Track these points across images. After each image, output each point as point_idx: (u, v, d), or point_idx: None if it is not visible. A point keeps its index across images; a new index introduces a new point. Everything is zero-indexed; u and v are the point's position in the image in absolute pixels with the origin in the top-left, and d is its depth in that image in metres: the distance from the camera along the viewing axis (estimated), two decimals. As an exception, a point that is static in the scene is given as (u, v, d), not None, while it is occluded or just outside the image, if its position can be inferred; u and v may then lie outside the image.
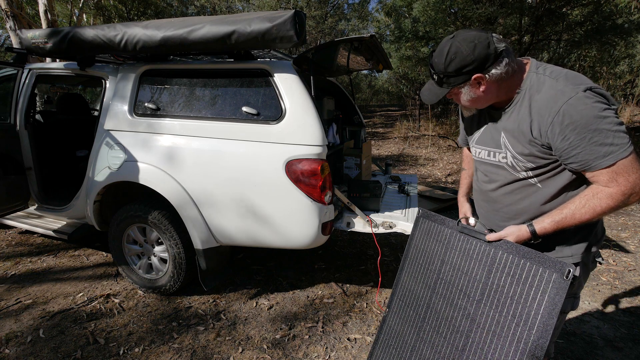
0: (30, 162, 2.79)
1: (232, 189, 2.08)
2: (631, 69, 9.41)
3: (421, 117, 12.03)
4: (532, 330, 0.96)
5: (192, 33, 1.98)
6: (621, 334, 2.08)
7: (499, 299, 1.04)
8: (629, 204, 0.99)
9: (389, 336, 1.38)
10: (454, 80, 1.08)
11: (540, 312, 0.95)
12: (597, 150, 0.95)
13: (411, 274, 1.37)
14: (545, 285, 0.96)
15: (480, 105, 1.14)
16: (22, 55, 2.67)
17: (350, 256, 3.11)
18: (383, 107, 21.27)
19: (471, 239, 1.18)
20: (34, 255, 3.08)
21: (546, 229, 1.04)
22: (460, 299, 1.15)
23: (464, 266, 1.16)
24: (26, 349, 1.95)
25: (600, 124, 0.94)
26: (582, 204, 1.00)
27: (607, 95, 0.98)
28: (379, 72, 8.21)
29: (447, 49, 1.05)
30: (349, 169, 2.99)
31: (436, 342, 1.18)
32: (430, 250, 1.31)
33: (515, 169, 1.13)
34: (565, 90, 0.97)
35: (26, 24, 5.87)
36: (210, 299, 2.43)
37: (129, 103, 2.37)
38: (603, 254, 3.09)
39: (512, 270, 1.04)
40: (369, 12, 18.01)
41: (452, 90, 1.12)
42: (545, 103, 1.01)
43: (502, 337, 1.01)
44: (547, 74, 1.04)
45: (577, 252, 1.11)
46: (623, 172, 0.95)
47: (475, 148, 1.29)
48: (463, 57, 1.03)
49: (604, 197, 0.98)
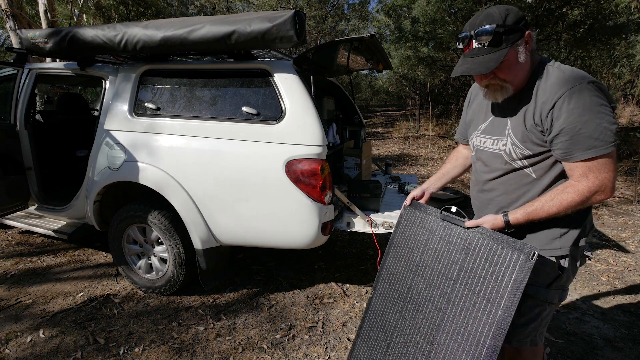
0: (30, 162, 2.79)
1: (232, 189, 2.08)
2: (631, 69, 9.41)
3: (421, 117, 12.03)
4: (499, 307, 1.04)
5: (192, 33, 1.98)
6: (621, 334, 2.08)
7: (472, 279, 1.13)
8: (593, 201, 1.04)
9: (374, 315, 1.47)
10: (514, 36, 1.04)
11: (507, 290, 1.04)
12: (582, 141, 0.99)
13: (396, 258, 1.46)
14: (512, 267, 1.04)
15: (520, 77, 1.10)
16: (22, 55, 2.67)
17: (350, 256, 3.11)
18: (383, 107, 21.26)
19: (452, 225, 1.26)
20: (34, 255, 3.08)
21: (518, 219, 1.10)
22: (438, 280, 1.24)
23: (444, 250, 1.25)
24: (26, 349, 1.95)
25: (593, 117, 0.98)
26: (552, 198, 1.06)
27: (607, 93, 1.01)
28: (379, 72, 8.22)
29: (494, 10, 1.05)
30: (349, 169, 2.99)
31: (416, 319, 1.28)
32: (415, 236, 1.40)
33: (512, 157, 1.16)
34: (570, 79, 1.01)
35: (26, 24, 5.87)
36: (210, 299, 2.43)
37: (129, 103, 2.37)
38: (603, 254, 3.09)
39: (485, 253, 1.12)
40: (369, 12, 18.00)
41: (509, 54, 1.05)
42: (550, 90, 1.04)
43: (473, 312, 1.10)
44: (556, 66, 1.08)
45: (566, 245, 1.14)
46: (595, 170, 1.00)
47: (480, 138, 1.29)
48: (516, 12, 1.04)
49: (571, 192, 1.03)
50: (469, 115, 1.39)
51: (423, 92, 12.30)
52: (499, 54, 1.04)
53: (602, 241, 3.38)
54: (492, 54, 1.05)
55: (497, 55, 1.04)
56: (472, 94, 1.41)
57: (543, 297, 1.16)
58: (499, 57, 1.04)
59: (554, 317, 2.24)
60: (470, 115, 1.38)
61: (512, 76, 1.09)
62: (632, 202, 4.49)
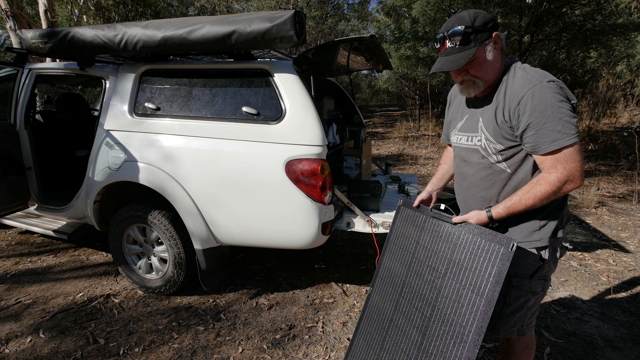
0: (30, 162, 2.79)
1: (231, 189, 2.08)
2: (630, 69, 9.41)
3: (421, 117, 12.03)
4: (482, 296, 1.10)
5: (192, 33, 1.98)
6: (621, 334, 2.08)
7: (459, 271, 1.20)
8: (565, 190, 1.11)
9: (372, 311, 1.53)
10: (481, 36, 1.15)
11: (489, 280, 1.10)
12: (547, 135, 1.08)
13: (391, 256, 1.52)
14: (495, 258, 1.11)
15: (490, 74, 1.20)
16: (22, 55, 2.67)
17: (350, 256, 3.11)
18: (383, 107, 21.25)
19: (441, 222, 1.33)
20: (34, 255, 3.08)
21: (500, 213, 1.18)
22: (429, 274, 1.31)
23: (434, 246, 1.33)
24: (26, 349, 1.95)
25: (555, 112, 1.07)
26: (527, 191, 1.14)
27: (566, 90, 1.11)
28: (379, 72, 8.22)
29: (465, 14, 1.17)
30: (349, 169, 2.99)
31: (410, 313, 1.34)
32: (408, 233, 1.47)
33: (487, 152, 1.24)
34: (532, 79, 1.12)
35: (26, 24, 5.88)
36: (210, 299, 2.43)
37: (129, 103, 2.37)
38: (603, 254, 3.09)
39: (471, 247, 1.19)
40: (369, 13, 18.00)
41: (478, 51, 1.16)
42: (516, 89, 1.14)
43: (460, 303, 1.16)
44: (521, 67, 1.19)
45: (545, 237, 1.21)
46: (562, 161, 1.09)
47: (457, 135, 1.38)
48: (484, 15, 1.16)
49: (544, 184, 1.11)
50: (449, 116, 1.49)
51: (423, 92, 12.31)
52: (468, 52, 1.16)
53: (602, 241, 3.38)
54: (463, 52, 1.16)
55: (467, 53, 1.16)
56: (452, 96, 1.51)
57: (527, 287, 1.23)
58: (468, 54, 1.15)
59: (554, 317, 2.24)
60: (450, 116, 1.48)
61: (483, 72, 1.19)
62: (632, 202, 4.49)
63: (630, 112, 9.28)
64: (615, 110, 9.35)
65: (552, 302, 2.40)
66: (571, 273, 2.79)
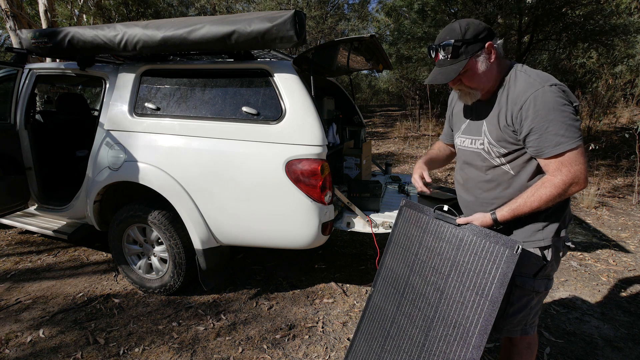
0: (30, 162, 2.79)
1: (231, 189, 2.08)
2: (630, 69, 9.41)
3: (421, 117, 12.03)
4: (487, 298, 1.10)
5: (192, 33, 1.98)
6: (621, 334, 2.08)
7: (463, 273, 1.19)
8: (570, 193, 1.12)
9: (373, 311, 1.53)
10: (472, 48, 1.14)
11: (494, 282, 1.09)
12: (551, 139, 1.08)
13: (394, 256, 1.51)
14: (499, 260, 1.10)
15: (484, 83, 1.20)
16: (22, 55, 2.67)
17: (350, 256, 3.11)
18: (383, 107, 21.25)
19: (444, 223, 1.32)
20: (34, 255, 3.08)
21: (504, 216, 1.18)
22: (432, 275, 1.30)
23: (437, 247, 1.32)
24: (26, 349, 1.95)
25: (557, 116, 1.07)
26: (532, 193, 1.14)
27: (569, 92, 1.11)
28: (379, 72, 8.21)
29: (457, 25, 1.16)
30: (349, 169, 2.99)
31: (412, 314, 1.33)
32: (411, 234, 1.46)
33: (490, 155, 1.25)
34: (535, 83, 1.11)
35: (26, 24, 5.88)
36: (210, 299, 2.43)
37: (129, 103, 2.37)
38: (603, 254, 3.09)
39: (474, 248, 1.18)
40: (369, 13, 17.99)
41: (469, 63, 1.16)
42: (518, 93, 1.14)
43: (463, 304, 1.16)
44: (523, 70, 1.19)
45: (548, 236, 1.22)
46: (567, 164, 1.09)
47: (460, 138, 1.39)
48: (476, 26, 1.15)
49: (549, 186, 1.11)
50: (452, 118, 1.50)
51: (423, 92, 12.30)
52: (458, 65, 1.16)
53: (602, 241, 3.38)
54: (454, 65, 1.17)
55: (457, 66, 1.16)
56: (454, 99, 1.51)
57: (530, 286, 1.24)
58: (458, 68, 1.16)
59: (554, 317, 2.24)
60: (453, 118, 1.49)
61: (476, 83, 1.19)
62: (632, 202, 4.49)
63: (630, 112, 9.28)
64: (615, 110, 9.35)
65: (552, 302, 2.40)
66: (571, 273, 2.79)
